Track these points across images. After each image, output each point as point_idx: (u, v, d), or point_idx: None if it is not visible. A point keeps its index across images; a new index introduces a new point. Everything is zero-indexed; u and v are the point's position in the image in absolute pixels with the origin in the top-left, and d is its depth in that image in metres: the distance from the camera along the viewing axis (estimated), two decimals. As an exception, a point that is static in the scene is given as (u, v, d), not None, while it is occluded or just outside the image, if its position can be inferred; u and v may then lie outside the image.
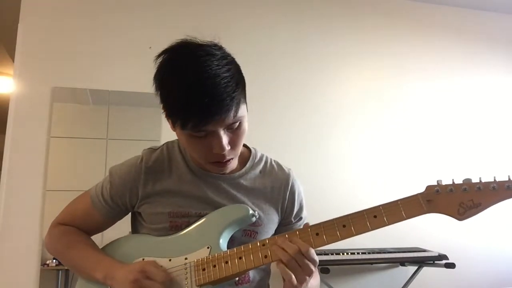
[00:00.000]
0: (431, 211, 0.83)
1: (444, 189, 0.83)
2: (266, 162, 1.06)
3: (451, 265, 2.31)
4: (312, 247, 0.83)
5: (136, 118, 2.53)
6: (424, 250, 2.48)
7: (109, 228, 1.07)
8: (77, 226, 1.03)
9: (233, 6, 2.82)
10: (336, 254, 2.29)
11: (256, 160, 1.04)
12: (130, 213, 1.06)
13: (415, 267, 2.49)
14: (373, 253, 2.35)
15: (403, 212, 0.84)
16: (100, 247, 1.01)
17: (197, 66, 0.82)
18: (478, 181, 0.82)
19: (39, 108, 2.38)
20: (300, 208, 1.07)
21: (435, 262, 2.38)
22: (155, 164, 1.00)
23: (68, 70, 2.46)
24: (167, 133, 1.07)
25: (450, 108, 3.07)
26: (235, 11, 2.81)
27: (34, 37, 2.45)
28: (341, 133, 2.83)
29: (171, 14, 2.67)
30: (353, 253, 2.31)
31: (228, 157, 0.89)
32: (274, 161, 1.08)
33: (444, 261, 2.34)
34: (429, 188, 0.84)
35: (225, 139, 0.85)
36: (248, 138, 0.95)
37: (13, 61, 2.47)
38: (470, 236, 2.87)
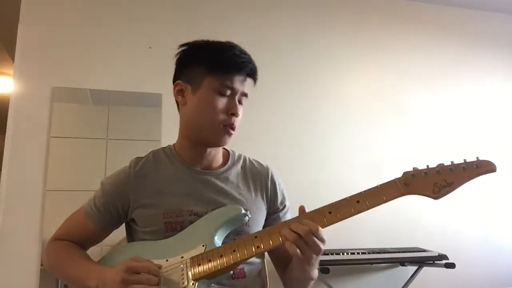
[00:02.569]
0: (409, 193, 0.89)
1: (419, 173, 0.90)
2: (245, 160, 1.16)
3: (451, 265, 2.31)
4: (318, 228, 0.87)
5: (136, 118, 2.52)
6: (424, 250, 2.48)
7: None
8: (73, 240, 1.05)
9: (234, 5, 2.82)
10: (336, 254, 2.28)
11: (236, 158, 1.14)
12: (124, 225, 1.08)
13: (415, 267, 2.49)
14: (373, 253, 2.35)
15: (383, 196, 0.89)
16: (100, 251, 1.03)
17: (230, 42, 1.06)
18: (450, 163, 0.89)
19: (39, 108, 2.37)
20: (283, 197, 1.16)
21: (435, 262, 2.37)
22: (143, 168, 1.05)
23: (68, 70, 2.46)
24: (167, 133, 1.07)
25: (450, 108, 3.07)
26: (236, 10, 2.81)
27: (34, 37, 2.45)
28: (340, 133, 2.83)
29: (171, 14, 2.67)
30: (353, 253, 2.31)
31: (235, 123, 1.02)
32: (252, 159, 1.18)
33: (444, 261, 2.34)
34: (405, 173, 0.92)
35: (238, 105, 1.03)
36: (246, 137, 0.95)
37: (13, 61, 2.46)
38: (470, 236, 2.87)
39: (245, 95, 1.04)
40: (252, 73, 1.04)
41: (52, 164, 2.32)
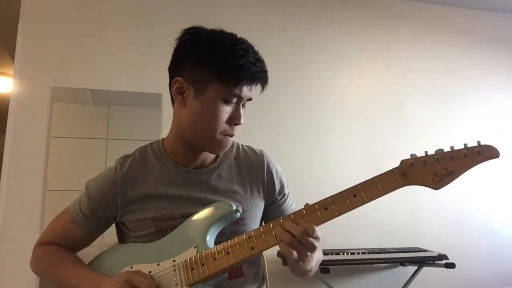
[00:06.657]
0: (408, 183, 0.84)
1: (418, 161, 0.84)
2: (238, 148, 1.09)
3: (451, 265, 2.31)
4: (314, 230, 0.82)
5: (136, 118, 2.53)
6: (424, 250, 2.48)
7: (109, 232, 1.06)
8: (60, 244, 1.01)
9: (232, 7, 2.82)
10: (336, 254, 2.28)
11: (228, 148, 1.05)
12: (114, 225, 1.05)
13: (415, 267, 2.49)
14: (373, 253, 2.35)
15: (381, 188, 0.84)
16: (100, 252, 1.00)
17: (243, 39, 0.95)
18: (450, 149, 0.84)
19: (39, 108, 2.37)
20: (282, 186, 1.09)
21: (435, 262, 2.38)
22: (130, 171, 1.00)
23: (68, 70, 2.46)
24: (167, 133, 1.06)
25: (449, 107, 3.07)
26: (234, 12, 2.81)
27: (34, 37, 2.45)
28: (339, 133, 2.83)
29: (171, 14, 2.67)
30: (353, 253, 2.31)
31: (235, 132, 0.96)
32: (246, 146, 1.11)
33: (444, 261, 2.34)
34: (403, 162, 0.86)
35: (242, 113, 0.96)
36: (246, 137, 0.95)
37: (13, 61, 2.47)
38: (470, 236, 2.87)
39: (250, 99, 0.98)
40: (263, 82, 0.96)
41: (52, 164, 2.32)
